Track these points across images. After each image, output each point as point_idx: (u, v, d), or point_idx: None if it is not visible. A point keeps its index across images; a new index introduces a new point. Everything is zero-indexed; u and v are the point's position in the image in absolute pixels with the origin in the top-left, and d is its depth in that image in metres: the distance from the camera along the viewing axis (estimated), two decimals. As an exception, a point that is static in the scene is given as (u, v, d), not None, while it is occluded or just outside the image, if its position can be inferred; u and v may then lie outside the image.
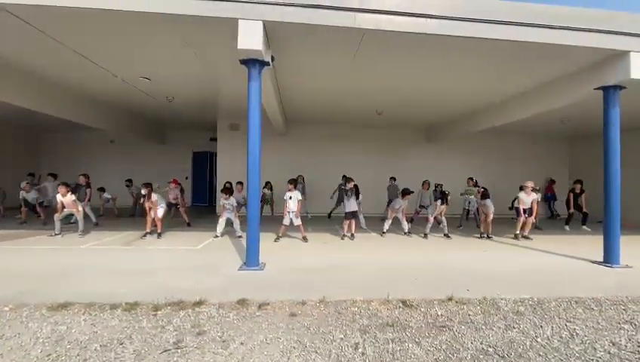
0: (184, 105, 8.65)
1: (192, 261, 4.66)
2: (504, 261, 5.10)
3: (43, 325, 2.61)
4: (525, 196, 6.92)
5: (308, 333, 2.58)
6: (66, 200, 6.19)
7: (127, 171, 10.75)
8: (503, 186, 9.91)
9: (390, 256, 5.33)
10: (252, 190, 4.39)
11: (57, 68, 5.90)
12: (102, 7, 3.69)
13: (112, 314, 2.83)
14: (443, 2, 4.15)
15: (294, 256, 5.05)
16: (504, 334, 2.64)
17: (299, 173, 9.37)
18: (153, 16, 3.85)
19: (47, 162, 12.12)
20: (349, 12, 3.99)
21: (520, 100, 6.97)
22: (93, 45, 4.96)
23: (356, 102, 7.91)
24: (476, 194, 7.54)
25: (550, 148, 12.31)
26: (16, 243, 5.66)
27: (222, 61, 5.33)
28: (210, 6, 3.81)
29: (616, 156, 4.88)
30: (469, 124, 9.04)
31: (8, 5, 3.70)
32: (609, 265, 4.78)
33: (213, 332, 2.56)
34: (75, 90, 7.23)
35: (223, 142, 10.68)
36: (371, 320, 2.83)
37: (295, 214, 6.15)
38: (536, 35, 4.30)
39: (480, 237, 7.00)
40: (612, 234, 4.88)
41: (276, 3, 3.91)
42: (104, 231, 6.91)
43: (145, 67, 5.86)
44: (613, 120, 4.89)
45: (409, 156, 11.47)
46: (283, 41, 4.54)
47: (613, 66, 4.78)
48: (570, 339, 2.59)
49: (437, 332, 2.64)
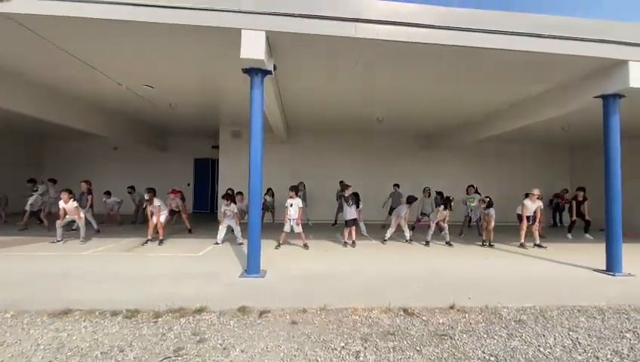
0: (187, 113, 8.73)
1: (193, 268, 4.66)
2: (506, 269, 5.08)
3: (44, 332, 2.61)
4: (530, 203, 6.91)
5: (309, 341, 2.57)
6: (68, 206, 6.23)
7: (129, 178, 10.81)
8: (503, 193, 9.92)
9: (391, 263, 5.31)
10: (253, 197, 4.41)
11: (63, 77, 5.98)
12: (109, 17, 3.77)
13: (113, 320, 2.83)
14: (442, 12, 4.23)
15: (295, 264, 5.04)
16: (506, 343, 2.63)
17: (300, 180, 9.40)
18: (160, 27, 3.94)
19: (50, 169, 12.19)
20: (350, 22, 4.06)
21: (520, 108, 7.01)
22: (99, 54, 5.04)
23: (357, 109, 7.96)
24: (480, 201, 7.49)
25: (551, 155, 12.31)
26: (19, 249, 5.67)
27: (225, 69, 5.40)
28: (214, 17, 3.89)
29: (616, 164, 4.88)
30: (469, 132, 9.08)
31: (16, 15, 3.78)
32: (612, 274, 4.75)
33: (214, 339, 2.55)
34: (80, 98, 7.32)
35: (225, 149, 10.74)
36: (372, 328, 2.82)
37: (296, 221, 6.15)
38: (534, 45, 4.37)
39: (482, 245, 6.98)
40: (614, 242, 4.87)
41: (279, 14, 3.99)
42: (105, 237, 6.92)
43: (149, 75, 5.94)
44: (614, 128, 4.92)
45: (410, 164, 11.49)
46: (285, 51, 4.61)
47: (612, 75, 4.82)
48: (573, 348, 2.57)
49: (438, 341, 2.62)
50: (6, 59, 5.23)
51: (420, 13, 4.20)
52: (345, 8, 4.06)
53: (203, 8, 3.86)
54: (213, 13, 3.88)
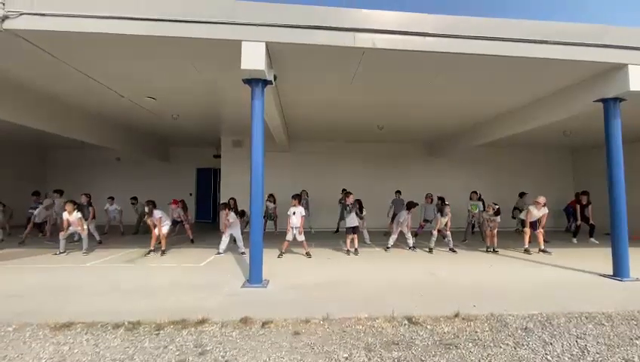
0: (189, 123, 8.81)
1: (195, 278, 4.63)
2: (511, 276, 5.02)
3: (45, 345, 2.59)
4: (535, 210, 6.86)
5: (312, 352, 2.53)
6: (72, 218, 6.25)
7: (132, 188, 10.84)
8: (506, 198, 9.84)
9: (395, 271, 5.26)
10: (255, 206, 4.41)
11: (68, 90, 6.07)
12: (112, 31, 3.84)
13: (115, 333, 2.81)
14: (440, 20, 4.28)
15: (298, 273, 5.01)
16: (513, 352, 2.58)
17: (302, 188, 9.41)
18: (162, 40, 4.01)
19: (54, 180, 12.28)
20: (349, 32, 4.11)
21: (520, 114, 7.02)
22: (102, 68, 5.12)
23: (358, 117, 8.01)
24: (487, 207, 7.38)
25: (554, 160, 12.27)
26: (22, 261, 5.68)
27: (226, 80, 5.46)
28: (214, 29, 3.95)
29: (619, 167, 4.85)
30: (470, 137, 9.09)
31: (21, 32, 3.86)
32: (619, 279, 4.68)
33: (216, 352, 2.52)
34: (84, 110, 7.40)
35: (227, 158, 10.80)
36: (376, 338, 2.78)
37: (298, 230, 6.14)
38: (535, 51, 4.39)
39: (486, 251, 6.91)
40: (620, 246, 4.80)
41: (278, 25, 4.04)
42: (108, 248, 6.92)
43: (151, 87, 6.02)
44: (615, 131, 4.90)
45: (412, 170, 11.49)
46: (285, 61, 4.67)
47: (612, 79, 4.83)
48: (582, 357, 2.52)
49: (444, 351, 2.58)
50: (9, 73, 5.31)
51: (418, 21, 4.24)
52: (343, 18, 4.11)
53: (204, 21, 3.93)
54: (214, 25, 3.95)
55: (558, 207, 10.50)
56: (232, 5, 4.02)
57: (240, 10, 4.01)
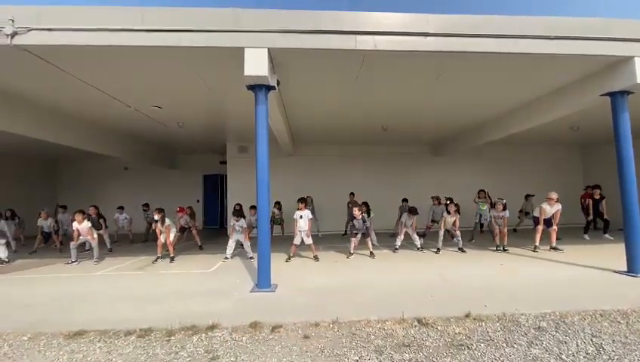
0: (194, 130, 8.90)
1: (204, 284, 4.66)
2: (522, 274, 4.94)
3: (60, 354, 2.63)
4: (548, 207, 6.75)
5: (322, 356, 2.53)
6: (81, 227, 6.35)
7: (141, 196, 10.96)
8: (515, 196, 9.70)
9: (403, 272, 5.23)
10: (262, 211, 4.43)
11: (75, 101, 6.18)
12: (117, 43, 3.92)
13: (127, 340, 2.84)
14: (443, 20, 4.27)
15: (306, 276, 5.00)
16: (526, 352, 2.54)
17: (307, 192, 9.39)
18: (166, 50, 4.07)
19: (63, 191, 12.52)
20: (350, 35, 4.13)
21: (526, 110, 6.94)
22: (108, 79, 5.21)
23: (361, 119, 8.00)
24: (496, 206, 7.25)
25: (562, 156, 12.08)
26: (34, 271, 5.77)
27: (230, 87, 5.51)
28: (217, 37, 4.01)
29: (630, 161, 4.77)
30: (476, 136, 9.00)
31: (28, 46, 3.96)
32: (633, 275, 4.58)
33: (227, 357, 2.54)
34: (92, 121, 7.55)
35: (233, 164, 10.86)
36: (386, 340, 2.77)
37: (306, 233, 6.14)
38: (541, 47, 4.37)
39: (496, 250, 6.83)
40: (634, 241, 4.70)
41: (280, 31, 4.08)
42: (118, 257, 7.00)
43: (157, 97, 6.11)
44: (624, 125, 4.83)
45: (418, 171, 11.41)
46: (288, 66, 4.70)
47: (619, 72, 4.75)
48: (597, 356, 2.47)
49: (455, 352, 2.55)
50: (20, 88, 5.44)
51: (419, 21, 4.23)
52: (344, 21, 4.13)
53: (207, 30, 3.99)
54: (217, 34, 4.01)
55: (568, 204, 10.31)
56: (234, 13, 4.07)
57: (242, 18, 4.06)
